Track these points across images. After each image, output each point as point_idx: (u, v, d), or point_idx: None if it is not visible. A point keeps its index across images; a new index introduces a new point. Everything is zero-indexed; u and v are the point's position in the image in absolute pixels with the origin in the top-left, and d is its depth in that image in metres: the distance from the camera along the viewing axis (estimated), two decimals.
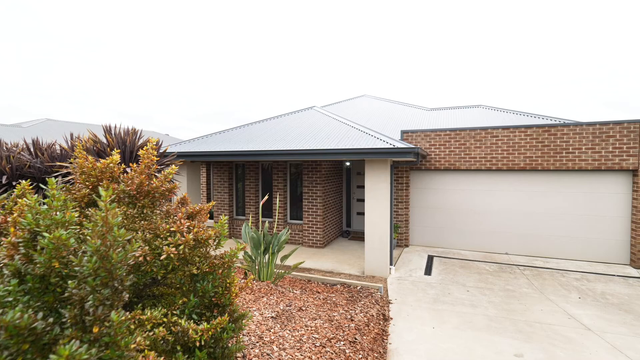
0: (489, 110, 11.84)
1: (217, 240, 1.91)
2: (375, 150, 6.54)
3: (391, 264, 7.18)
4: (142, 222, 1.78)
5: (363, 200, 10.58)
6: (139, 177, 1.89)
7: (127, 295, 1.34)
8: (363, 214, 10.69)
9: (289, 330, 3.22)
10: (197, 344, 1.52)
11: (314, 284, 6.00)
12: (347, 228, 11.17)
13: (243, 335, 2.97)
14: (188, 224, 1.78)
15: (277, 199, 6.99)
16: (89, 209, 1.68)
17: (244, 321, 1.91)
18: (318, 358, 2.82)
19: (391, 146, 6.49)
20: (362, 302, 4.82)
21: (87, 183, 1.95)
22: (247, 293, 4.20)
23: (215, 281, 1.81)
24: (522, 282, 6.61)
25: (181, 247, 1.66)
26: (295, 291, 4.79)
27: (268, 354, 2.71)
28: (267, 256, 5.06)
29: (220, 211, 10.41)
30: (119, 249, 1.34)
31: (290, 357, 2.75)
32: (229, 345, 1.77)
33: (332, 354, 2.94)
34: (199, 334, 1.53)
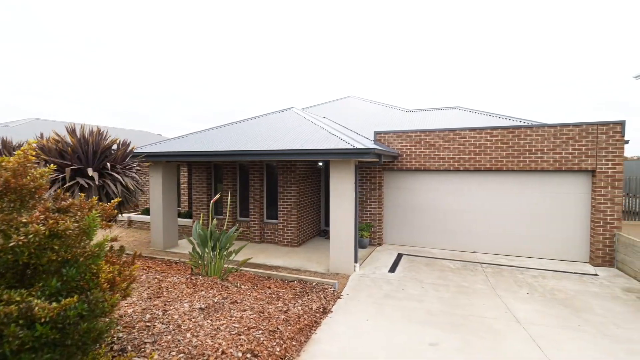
0: (466, 112, 12.02)
1: (88, 231, 2.14)
2: (336, 151, 6.75)
3: (356, 262, 7.37)
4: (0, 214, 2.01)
5: None
6: (3, 174, 2.11)
7: None
8: None
9: (211, 320, 3.45)
10: (42, 320, 1.75)
11: (273, 280, 6.22)
12: (325, 227, 11.37)
13: (162, 324, 3.20)
14: (44, 216, 2.01)
15: (229, 198, 7.24)
16: None
17: (106, 304, 2.10)
18: (228, 344, 3.04)
19: (351, 147, 6.70)
20: (309, 297, 5.03)
21: None
22: (187, 287, 4.43)
23: (80, 268, 2.04)
24: (480, 279, 6.79)
25: (31, 236, 1.89)
26: (243, 286, 5.02)
27: (179, 340, 2.94)
28: (216, 252, 5.28)
29: (198, 210, 10.66)
30: None
31: (200, 343, 2.97)
32: (83, 324, 1.97)
33: (244, 341, 3.16)
34: (45, 311, 1.76)
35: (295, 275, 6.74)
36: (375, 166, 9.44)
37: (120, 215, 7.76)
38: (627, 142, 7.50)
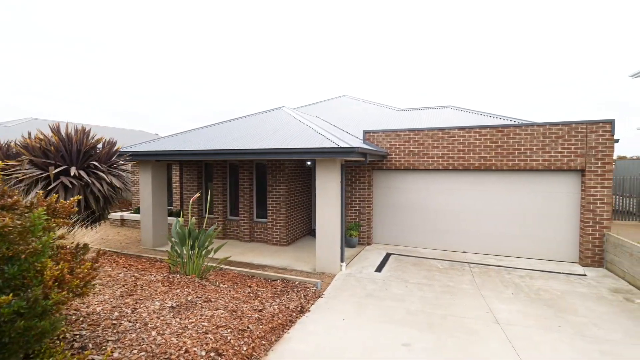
0: (458, 111, 11.96)
1: (32, 229, 2.11)
2: (320, 150, 6.71)
3: (342, 261, 7.34)
4: None
5: None
6: None
7: None
8: None
9: (179, 319, 3.42)
10: None
11: (255, 279, 6.19)
12: (315, 227, 11.32)
13: (129, 322, 3.18)
14: None
15: (209, 196, 7.23)
16: None
17: (49, 302, 2.07)
18: (193, 343, 3.01)
19: (335, 145, 6.66)
20: (288, 296, 4.99)
21: None
22: (162, 285, 4.41)
23: (22, 265, 2.02)
24: (466, 279, 6.73)
25: None
26: (222, 285, 4.99)
27: (143, 339, 2.91)
28: (194, 251, 5.26)
29: (189, 209, 10.64)
30: None
31: (165, 341, 2.94)
32: (20, 322, 1.94)
33: (211, 340, 3.13)
34: None
35: (280, 274, 6.70)
36: (364, 165, 9.39)
37: (109, 213, 7.77)
38: (617, 141, 7.45)
